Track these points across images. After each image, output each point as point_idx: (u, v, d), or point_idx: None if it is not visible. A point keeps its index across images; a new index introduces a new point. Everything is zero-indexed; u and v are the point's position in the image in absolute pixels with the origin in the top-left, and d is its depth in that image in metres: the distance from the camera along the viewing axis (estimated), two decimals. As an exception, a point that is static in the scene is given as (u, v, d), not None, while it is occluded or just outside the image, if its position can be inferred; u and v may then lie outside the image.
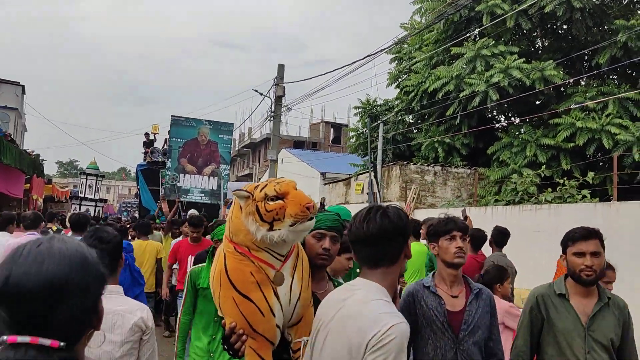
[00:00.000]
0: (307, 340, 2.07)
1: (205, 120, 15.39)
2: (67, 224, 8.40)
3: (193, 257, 5.90)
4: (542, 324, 2.80)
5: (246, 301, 2.04)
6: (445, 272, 2.69)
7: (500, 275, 4.31)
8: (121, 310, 2.27)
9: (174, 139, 14.79)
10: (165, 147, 16.05)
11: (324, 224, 2.34)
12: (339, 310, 1.78)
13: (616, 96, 12.41)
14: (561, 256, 2.86)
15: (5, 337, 0.96)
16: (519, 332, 2.89)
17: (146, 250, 7.34)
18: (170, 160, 14.65)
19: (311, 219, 2.05)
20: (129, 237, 8.37)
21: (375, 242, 1.77)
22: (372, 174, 13.96)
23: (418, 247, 6.35)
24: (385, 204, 1.87)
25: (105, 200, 26.09)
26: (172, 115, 15.02)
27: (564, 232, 2.83)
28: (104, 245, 2.27)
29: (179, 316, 3.99)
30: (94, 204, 22.22)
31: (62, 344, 0.98)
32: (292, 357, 2.21)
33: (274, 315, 2.08)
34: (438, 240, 2.71)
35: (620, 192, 10.04)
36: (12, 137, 14.46)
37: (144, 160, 17.00)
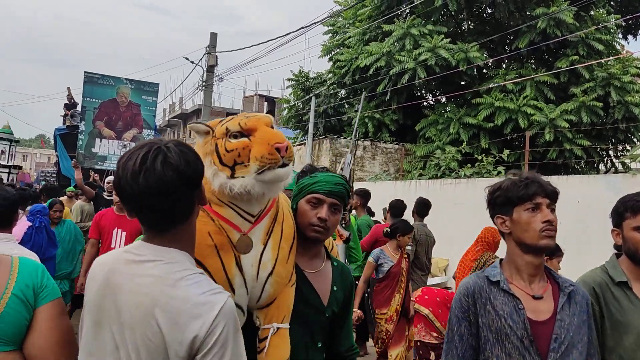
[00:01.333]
0: (278, 328, 1.75)
1: (126, 79, 13.60)
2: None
3: (122, 232, 5.01)
4: (601, 323, 2.07)
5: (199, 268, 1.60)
6: (521, 260, 1.82)
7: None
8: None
9: (88, 99, 13.08)
10: (79, 127, 14.08)
11: (323, 187, 1.89)
12: (125, 291, 1.27)
13: (531, 76, 13.19)
14: (613, 231, 2.19)
15: None
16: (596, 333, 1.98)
17: None
18: (84, 123, 13.06)
19: (284, 165, 1.61)
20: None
21: (158, 199, 1.27)
22: (353, 151, 13.41)
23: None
24: (166, 143, 1.32)
25: (19, 167, 24.60)
26: (85, 72, 13.21)
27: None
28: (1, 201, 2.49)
29: None
30: (7, 170, 20.89)
31: None
32: (257, 347, 1.76)
33: (234, 291, 1.66)
34: (511, 210, 1.84)
35: (531, 169, 10.79)
36: None
37: (64, 124, 15.45)
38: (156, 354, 1.22)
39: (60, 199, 7.81)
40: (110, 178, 8.05)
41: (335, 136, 15.43)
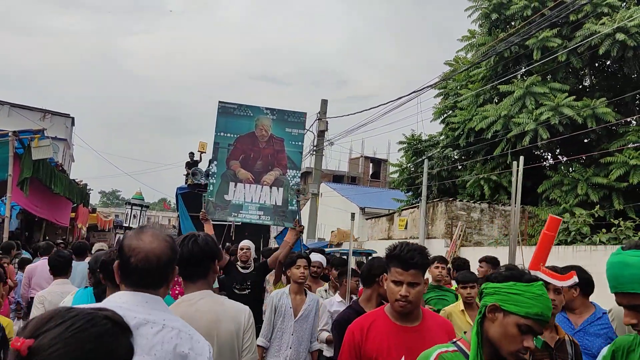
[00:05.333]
0: None
1: (266, 109, 10.84)
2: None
3: None
4: None
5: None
6: None
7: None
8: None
9: (222, 134, 10.02)
10: (209, 168, 11.39)
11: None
12: (200, 317, 2.20)
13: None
14: None
15: None
16: None
17: None
18: (215, 163, 10.52)
19: None
20: None
21: (188, 262, 2.30)
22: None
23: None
24: (199, 234, 2.44)
25: (147, 230, 26.70)
26: (219, 102, 10.31)
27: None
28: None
29: None
30: (136, 233, 22.71)
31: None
32: None
33: None
34: None
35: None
36: (62, 166, 14.94)
37: (185, 183, 14.24)
38: (230, 338, 2.31)
39: None
40: (245, 243, 6.27)
41: (450, 199, 14.93)
